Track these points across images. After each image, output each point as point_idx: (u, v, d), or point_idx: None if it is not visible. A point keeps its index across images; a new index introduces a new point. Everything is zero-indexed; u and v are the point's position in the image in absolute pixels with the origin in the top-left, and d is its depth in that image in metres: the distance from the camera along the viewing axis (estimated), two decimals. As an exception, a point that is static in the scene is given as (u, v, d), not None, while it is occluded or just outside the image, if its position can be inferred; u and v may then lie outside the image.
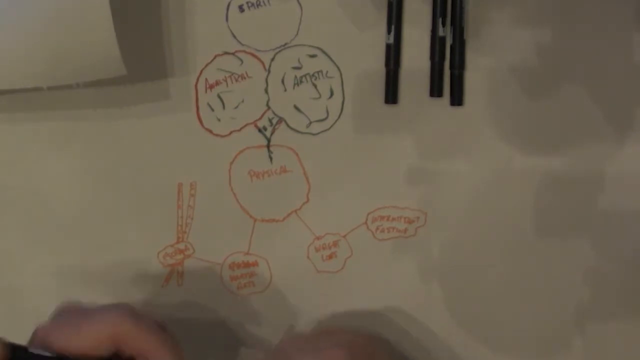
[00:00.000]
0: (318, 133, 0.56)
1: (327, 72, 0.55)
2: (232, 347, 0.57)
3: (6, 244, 0.56)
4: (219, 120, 0.55)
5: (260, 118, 0.56)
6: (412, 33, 0.55)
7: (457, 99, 0.55)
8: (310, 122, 0.56)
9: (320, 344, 0.50)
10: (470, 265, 0.57)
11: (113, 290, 0.56)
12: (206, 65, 0.55)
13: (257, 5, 0.54)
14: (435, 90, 0.55)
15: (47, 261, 0.56)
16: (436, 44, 0.54)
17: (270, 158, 0.56)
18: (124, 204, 0.56)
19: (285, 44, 0.55)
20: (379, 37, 0.55)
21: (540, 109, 0.55)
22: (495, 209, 0.56)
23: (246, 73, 0.55)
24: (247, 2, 0.54)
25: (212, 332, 0.57)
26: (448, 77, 0.55)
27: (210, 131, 0.56)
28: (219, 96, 0.55)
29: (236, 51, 0.55)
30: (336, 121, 0.56)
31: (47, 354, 0.45)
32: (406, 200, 0.56)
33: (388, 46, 0.55)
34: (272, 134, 0.56)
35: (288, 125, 0.56)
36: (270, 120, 0.56)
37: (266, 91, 0.55)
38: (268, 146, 0.56)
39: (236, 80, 0.55)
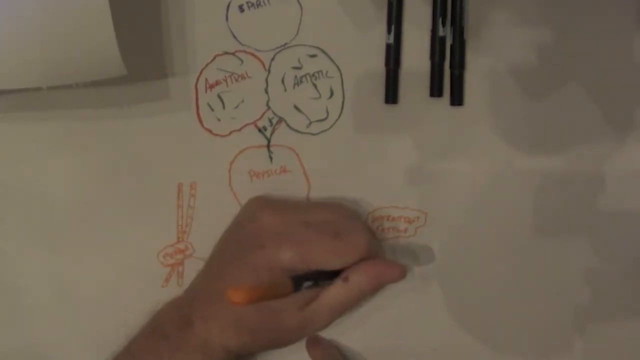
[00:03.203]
0: (318, 133, 0.56)
1: (327, 72, 0.55)
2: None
3: (6, 244, 0.56)
4: (219, 120, 0.55)
5: (260, 118, 0.56)
6: (412, 33, 0.55)
7: (457, 99, 0.55)
8: (310, 122, 0.56)
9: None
10: (470, 265, 0.57)
11: (113, 290, 0.56)
12: (206, 65, 0.55)
13: (257, 5, 0.54)
14: (435, 90, 0.55)
15: (47, 261, 0.56)
16: (436, 44, 0.54)
17: (270, 158, 0.56)
18: (124, 204, 0.56)
19: (285, 44, 0.55)
20: (379, 37, 0.55)
21: (540, 109, 0.55)
22: (495, 209, 0.56)
23: (246, 73, 0.55)
24: (247, 2, 0.54)
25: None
26: (448, 77, 0.55)
27: (210, 131, 0.56)
28: (219, 96, 0.55)
29: (236, 51, 0.55)
30: (336, 121, 0.56)
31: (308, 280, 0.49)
32: (406, 200, 0.56)
33: (388, 46, 0.55)
34: (272, 134, 0.56)
35: (288, 125, 0.56)
36: (270, 120, 0.56)
37: (266, 91, 0.55)
38: (268, 146, 0.56)
39: (236, 80, 0.55)
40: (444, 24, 0.54)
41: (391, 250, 0.56)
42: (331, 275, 0.51)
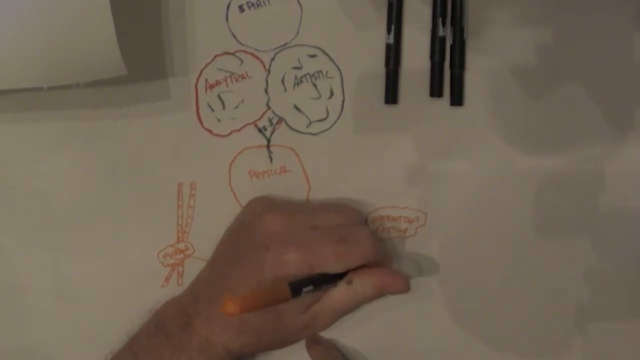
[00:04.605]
0: (318, 133, 0.56)
1: (327, 72, 0.55)
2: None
3: (6, 243, 0.56)
4: (219, 120, 0.55)
5: (260, 118, 0.56)
6: (412, 33, 0.55)
7: (457, 99, 0.55)
8: (310, 122, 0.56)
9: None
10: (470, 265, 0.57)
11: (113, 289, 0.56)
12: (206, 65, 0.55)
13: (257, 5, 0.54)
14: (435, 90, 0.55)
15: (47, 261, 0.56)
16: (436, 44, 0.54)
17: (270, 158, 0.56)
18: (124, 204, 0.56)
19: (285, 44, 0.55)
20: (379, 37, 0.55)
21: (540, 109, 0.55)
22: (495, 209, 0.56)
23: (246, 73, 0.55)
24: (247, 2, 0.54)
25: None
26: (448, 77, 0.55)
27: (210, 131, 0.56)
28: (219, 96, 0.55)
29: (236, 51, 0.55)
30: (336, 121, 0.56)
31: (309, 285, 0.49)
32: (406, 200, 0.56)
33: (388, 46, 0.55)
34: (272, 134, 0.56)
35: (288, 125, 0.56)
36: (270, 120, 0.56)
37: (266, 91, 0.55)
38: (268, 146, 0.56)
39: (236, 80, 0.55)
40: (444, 24, 0.54)
41: (391, 250, 0.56)
42: (333, 279, 0.51)
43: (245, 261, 0.51)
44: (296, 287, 0.47)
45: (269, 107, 0.55)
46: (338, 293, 0.52)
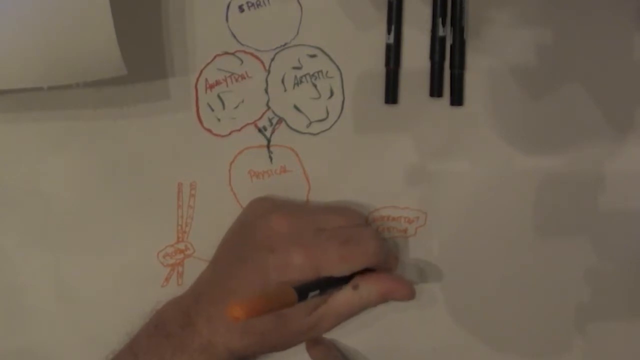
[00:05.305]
0: (318, 133, 0.56)
1: (327, 72, 0.55)
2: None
3: (6, 243, 0.56)
4: (219, 120, 0.55)
5: (260, 118, 0.56)
6: (412, 33, 0.55)
7: (457, 99, 0.55)
8: (310, 122, 0.56)
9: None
10: (470, 265, 0.57)
11: (113, 289, 0.56)
12: (206, 65, 0.55)
13: (257, 5, 0.54)
14: (435, 90, 0.55)
15: (46, 261, 0.56)
16: (436, 44, 0.54)
17: (270, 158, 0.56)
18: (124, 204, 0.56)
19: (285, 44, 0.55)
20: (379, 37, 0.55)
21: (540, 109, 0.55)
22: (495, 209, 0.56)
23: (246, 73, 0.55)
24: (247, 2, 0.54)
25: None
26: (448, 77, 0.55)
27: (210, 131, 0.56)
28: (219, 96, 0.55)
29: (236, 51, 0.55)
30: (336, 121, 0.56)
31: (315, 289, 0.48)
32: (406, 200, 0.56)
33: (388, 46, 0.55)
34: (272, 134, 0.56)
35: (288, 125, 0.56)
36: (270, 120, 0.56)
37: (266, 91, 0.55)
38: (268, 146, 0.56)
39: (236, 80, 0.55)
40: (444, 24, 0.54)
41: (396, 251, 0.56)
42: (338, 282, 0.51)
43: (248, 261, 0.51)
44: (303, 292, 0.47)
45: (269, 107, 0.55)
46: (344, 296, 0.51)
